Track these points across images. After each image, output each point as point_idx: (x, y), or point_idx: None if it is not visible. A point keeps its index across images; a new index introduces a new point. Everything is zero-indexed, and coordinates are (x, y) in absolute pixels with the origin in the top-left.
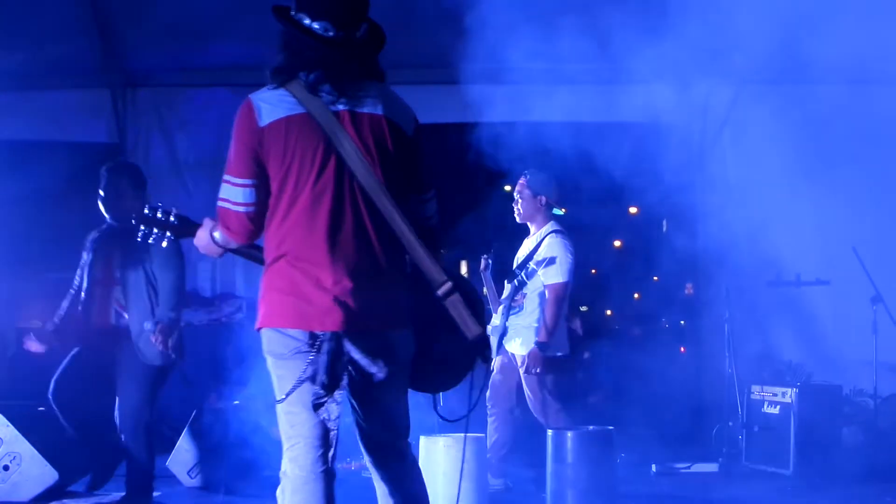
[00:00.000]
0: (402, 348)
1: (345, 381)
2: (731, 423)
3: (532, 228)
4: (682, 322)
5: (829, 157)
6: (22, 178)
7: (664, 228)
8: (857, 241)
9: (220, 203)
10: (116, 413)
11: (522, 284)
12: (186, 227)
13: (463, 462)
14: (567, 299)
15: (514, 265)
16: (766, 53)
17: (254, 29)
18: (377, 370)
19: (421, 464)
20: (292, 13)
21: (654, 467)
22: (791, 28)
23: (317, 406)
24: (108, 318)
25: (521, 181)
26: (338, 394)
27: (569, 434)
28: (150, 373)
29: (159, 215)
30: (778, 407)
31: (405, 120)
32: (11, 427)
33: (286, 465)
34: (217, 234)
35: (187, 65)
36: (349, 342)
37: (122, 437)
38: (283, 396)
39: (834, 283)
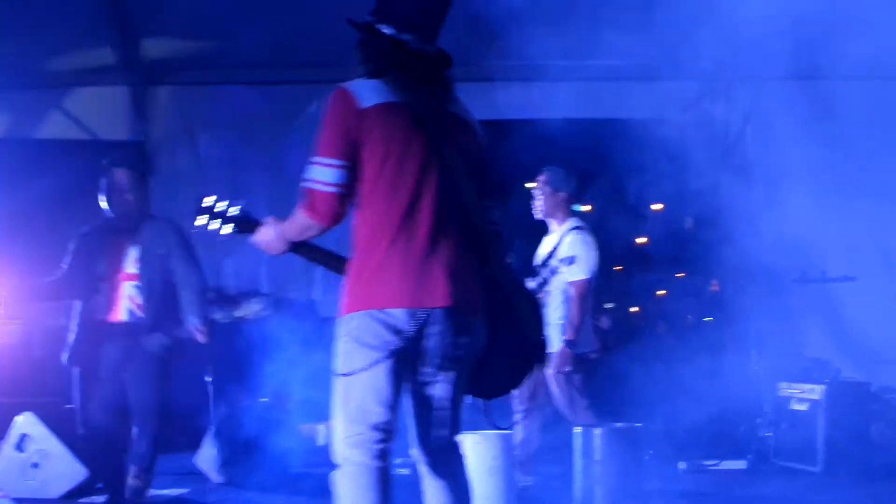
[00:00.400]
0: (480, 335)
1: (447, 363)
2: (758, 421)
3: (553, 225)
4: (708, 319)
5: (855, 152)
6: (45, 176)
7: (688, 225)
8: (883, 236)
9: (308, 184)
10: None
11: (546, 282)
12: (248, 223)
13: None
14: (591, 295)
15: (537, 262)
16: (790, 49)
17: (275, 26)
18: (468, 353)
19: None
20: (373, 23)
21: (681, 464)
22: (815, 23)
23: (419, 391)
24: (117, 314)
25: (540, 178)
26: (442, 375)
27: (597, 431)
28: (160, 365)
29: (220, 208)
30: (806, 404)
31: (477, 126)
32: (40, 425)
33: (347, 452)
34: (290, 226)
35: (209, 62)
36: (454, 321)
37: (135, 429)
38: (353, 371)
39: (860, 279)
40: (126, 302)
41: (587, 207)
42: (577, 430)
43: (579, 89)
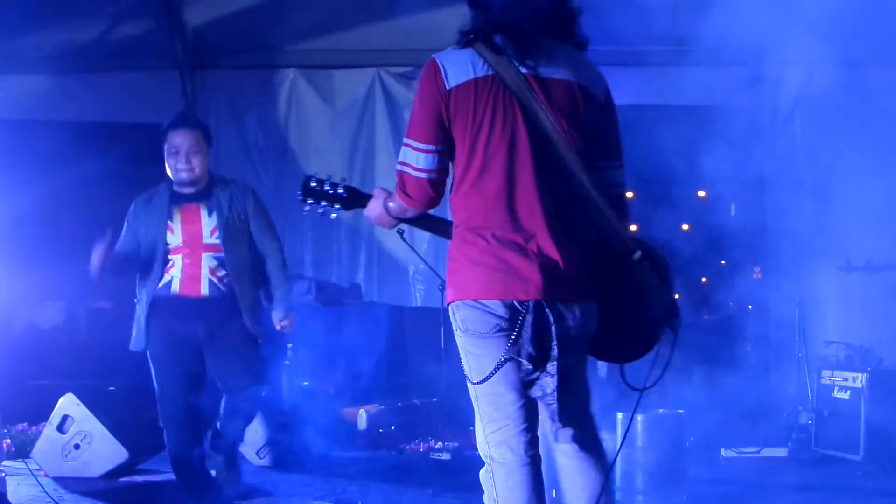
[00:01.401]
0: (593, 316)
1: (555, 352)
2: (800, 409)
3: None
4: (750, 307)
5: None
6: (90, 160)
7: (733, 212)
8: None
9: (399, 167)
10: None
11: None
12: (356, 199)
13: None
14: None
15: None
16: (839, 35)
17: (324, 9)
18: (576, 338)
19: None
20: None
21: (723, 451)
22: (865, 8)
23: (528, 384)
24: (196, 289)
25: None
26: (550, 366)
27: (639, 417)
28: (252, 341)
29: (327, 187)
30: (848, 392)
31: (596, 86)
32: (82, 406)
33: (492, 450)
34: (392, 204)
35: (256, 45)
36: (552, 311)
37: (223, 414)
38: (484, 378)
39: None
40: (207, 274)
41: (630, 194)
42: (619, 415)
43: (626, 75)
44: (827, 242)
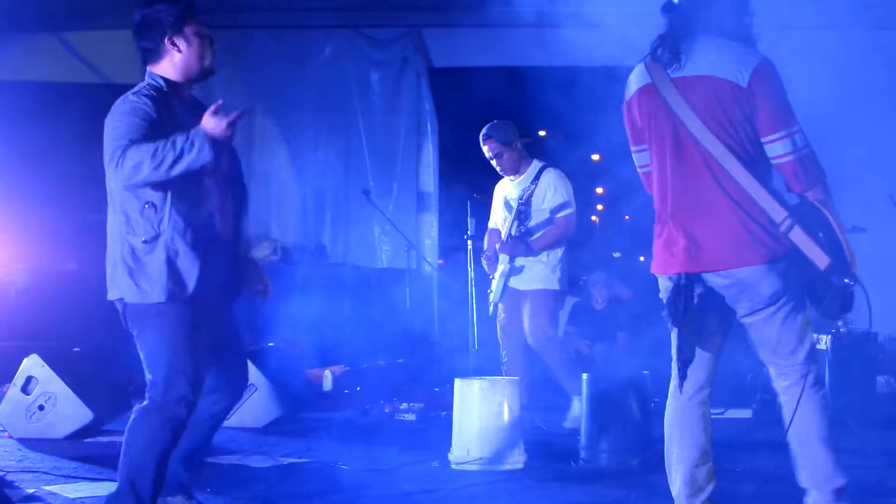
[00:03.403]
0: (758, 283)
1: (711, 318)
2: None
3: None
4: None
5: (865, 102)
6: (55, 120)
7: None
8: (894, 188)
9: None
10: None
11: (525, 220)
12: None
13: None
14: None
15: (510, 215)
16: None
17: None
18: (736, 305)
19: (455, 406)
20: None
21: None
22: None
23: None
24: (228, 225)
25: (489, 143)
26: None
27: (604, 378)
28: None
29: None
30: None
31: (736, 72)
32: (47, 367)
33: (671, 391)
34: None
35: (222, 6)
36: (701, 282)
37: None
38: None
39: (871, 230)
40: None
41: (596, 156)
42: (585, 376)
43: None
44: None
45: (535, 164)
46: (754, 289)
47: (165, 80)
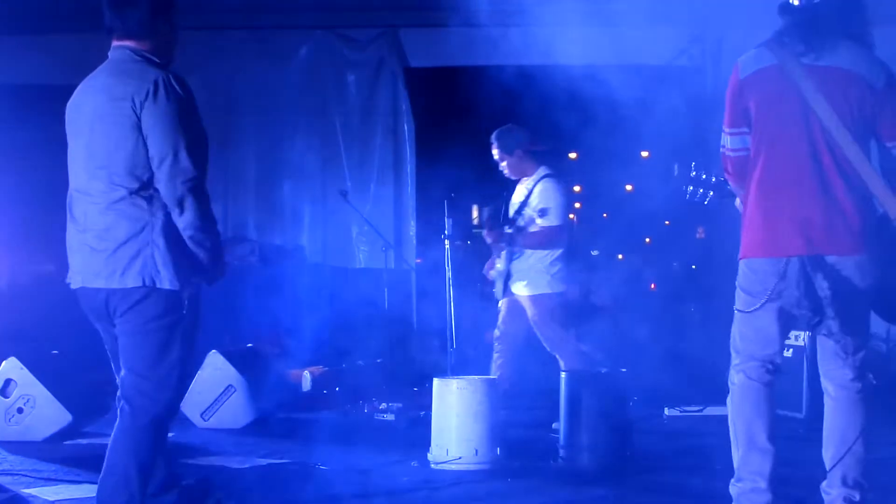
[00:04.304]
0: (860, 272)
1: (810, 306)
2: None
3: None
4: (693, 266)
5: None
6: (27, 124)
7: (675, 172)
8: None
9: (721, 149)
10: None
11: (521, 230)
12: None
13: None
14: (566, 239)
15: (511, 211)
16: None
17: None
18: (836, 292)
19: (434, 405)
20: None
21: (666, 410)
22: None
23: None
24: None
25: (493, 148)
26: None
27: (582, 376)
28: None
29: (703, 176)
30: (790, 350)
31: (871, 73)
32: (25, 370)
33: (734, 376)
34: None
35: (200, 7)
36: (804, 268)
37: None
38: (740, 314)
39: None
40: None
41: (573, 155)
42: (563, 374)
43: (568, 35)
44: None
45: (540, 171)
46: (860, 276)
47: None
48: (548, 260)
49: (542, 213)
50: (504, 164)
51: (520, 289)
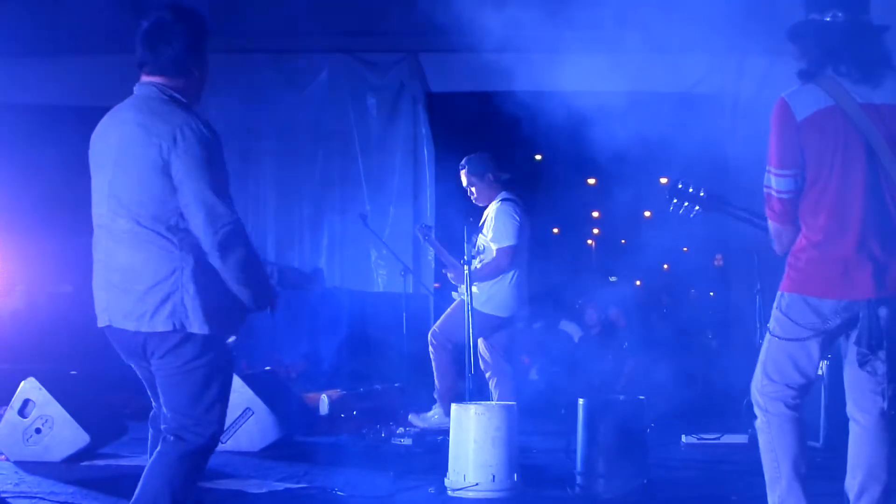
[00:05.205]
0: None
1: (867, 344)
2: None
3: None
4: (712, 293)
5: None
6: (52, 144)
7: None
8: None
9: (765, 189)
10: None
11: (479, 252)
12: (714, 204)
13: None
14: (515, 261)
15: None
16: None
17: None
18: (891, 332)
19: (451, 431)
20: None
21: (683, 438)
22: None
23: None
24: None
25: (461, 173)
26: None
27: (600, 402)
28: None
29: (687, 189)
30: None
31: None
32: (44, 390)
33: (763, 400)
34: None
35: (221, 30)
36: (870, 311)
37: None
38: (779, 341)
39: None
40: None
41: (592, 181)
42: (581, 401)
43: (588, 61)
44: None
45: (500, 196)
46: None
47: None
48: (489, 282)
49: (495, 229)
50: (473, 188)
51: (484, 308)
